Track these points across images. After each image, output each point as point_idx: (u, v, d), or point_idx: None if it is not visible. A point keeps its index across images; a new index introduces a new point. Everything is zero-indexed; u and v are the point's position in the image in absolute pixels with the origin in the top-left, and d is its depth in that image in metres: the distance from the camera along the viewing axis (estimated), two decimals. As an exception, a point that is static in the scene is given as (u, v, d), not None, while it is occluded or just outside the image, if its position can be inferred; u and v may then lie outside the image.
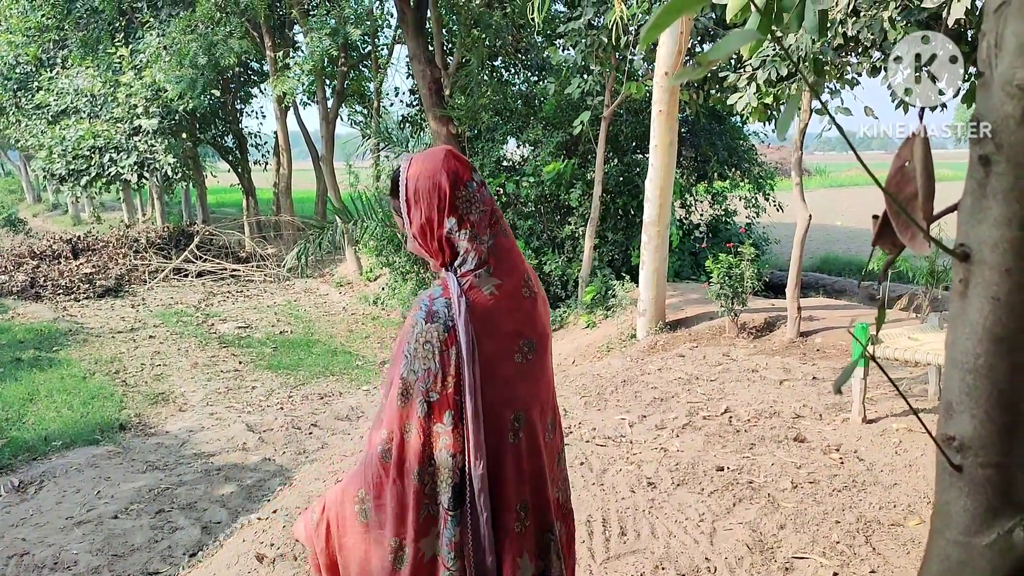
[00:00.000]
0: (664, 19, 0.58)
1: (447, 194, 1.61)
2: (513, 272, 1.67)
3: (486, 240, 1.64)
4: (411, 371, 1.60)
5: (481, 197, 1.65)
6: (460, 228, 1.62)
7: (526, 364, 1.69)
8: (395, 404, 1.62)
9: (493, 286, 1.63)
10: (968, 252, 0.66)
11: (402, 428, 1.62)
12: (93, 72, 15.62)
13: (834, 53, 6.04)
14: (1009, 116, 0.62)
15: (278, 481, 5.40)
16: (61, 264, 14.16)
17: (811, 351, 6.56)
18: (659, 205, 7.40)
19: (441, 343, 1.58)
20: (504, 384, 1.65)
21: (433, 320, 1.59)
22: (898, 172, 0.69)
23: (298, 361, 9.12)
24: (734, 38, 0.61)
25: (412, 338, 1.60)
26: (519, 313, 1.67)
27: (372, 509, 1.68)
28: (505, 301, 1.65)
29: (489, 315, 1.62)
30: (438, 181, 1.62)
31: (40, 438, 6.30)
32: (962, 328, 0.67)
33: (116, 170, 14.90)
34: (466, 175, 1.65)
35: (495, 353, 1.64)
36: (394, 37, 15.56)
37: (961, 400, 0.68)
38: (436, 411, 1.60)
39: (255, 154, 20.00)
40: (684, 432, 4.77)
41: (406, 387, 1.61)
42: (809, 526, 3.47)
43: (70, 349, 9.36)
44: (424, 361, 1.59)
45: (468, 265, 1.63)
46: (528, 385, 1.70)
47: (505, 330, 1.65)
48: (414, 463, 1.61)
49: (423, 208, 1.63)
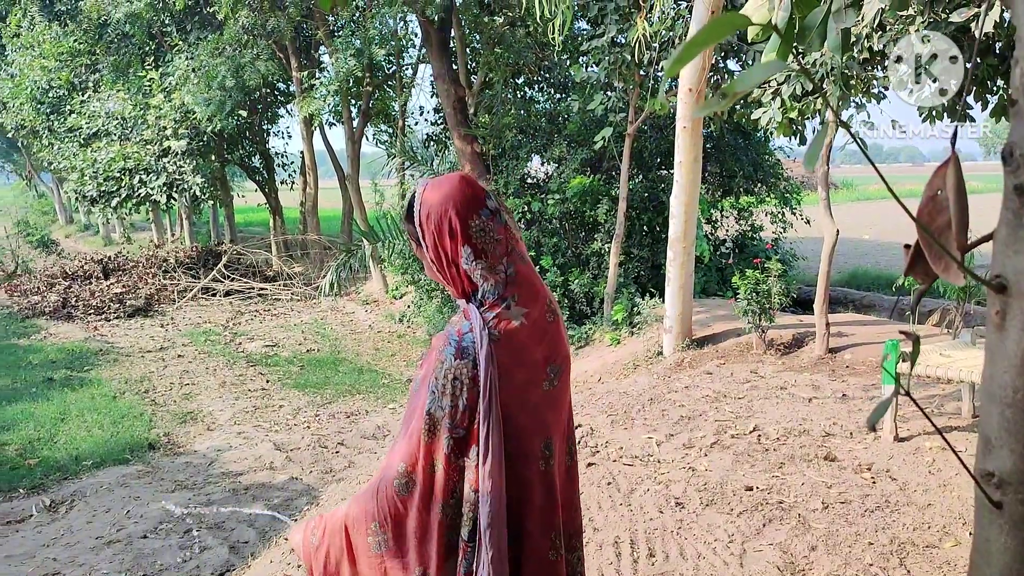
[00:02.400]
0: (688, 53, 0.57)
1: (461, 223, 1.59)
2: (537, 298, 1.66)
3: (503, 269, 1.62)
4: (439, 407, 1.59)
5: (496, 224, 1.62)
6: (476, 258, 1.60)
7: (553, 390, 1.68)
8: (420, 438, 1.61)
9: (522, 316, 1.61)
10: (1004, 283, 0.64)
11: (429, 462, 1.61)
12: (124, 95, 15.89)
13: (860, 67, 6.00)
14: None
15: (305, 500, 5.42)
16: (92, 284, 14.37)
17: (840, 367, 6.48)
18: (684, 221, 7.36)
19: (470, 380, 1.57)
20: (534, 412, 1.65)
21: (463, 356, 1.57)
22: (930, 201, 0.67)
23: (325, 379, 9.16)
24: (759, 70, 0.60)
25: (440, 374, 1.59)
26: (546, 339, 1.66)
27: (390, 540, 1.67)
28: (533, 329, 1.63)
29: (521, 346, 1.61)
30: (451, 209, 1.59)
31: (71, 458, 6.37)
32: (1000, 361, 0.66)
33: (146, 191, 15.12)
34: (480, 203, 1.62)
35: (527, 382, 1.63)
36: (418, 57, 15.68)
37: (1000, 435, 0.66)
38: (462, 447, 1.59)
39: (282, 174, 20.19)
40: (712, 451, 4.72)
41: (433, 423, 1.60)
42: (841, 548, 3.41)
43: (100, 369, 9.48)
44: (452, 398, 1.58)
45: (490, 296, 1.61)
46: (554, 412, 1.70)
47: (535, 359, 1.64)
48: (439, 496, 1.61)
49: (437, 237, 1.62)
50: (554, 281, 9.73)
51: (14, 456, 6.42)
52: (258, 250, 16.99)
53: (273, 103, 18.90)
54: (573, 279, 9.78)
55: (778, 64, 0.61)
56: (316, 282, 14.48)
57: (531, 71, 12.37)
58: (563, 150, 10.55)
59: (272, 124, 19.76)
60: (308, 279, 15.64)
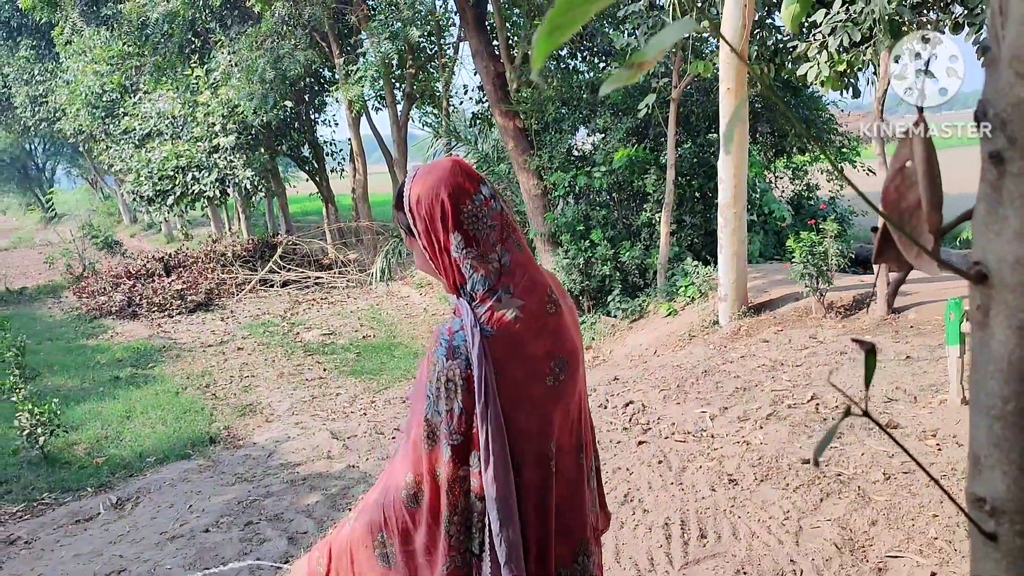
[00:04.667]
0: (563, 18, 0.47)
1: (452, 208, 1.50)
2: (534, 289, 1.55)
3: (496, 259, 1.52)
4: (435, 412, 1.50)
5: (490, 211, 1.53)
6: (467, 246, 1.51)
7: (558, 386, 1.57)
8: (422, 447, 1.53)
9: (516, 308, 1.51)
10: (985, 272, 0.53)
11: (432, 472, 1.52)
12: (172, 94, 16.15)
13: (911, 12, 5.69)
14: (1022, 101, 0.48)
15: (362, 488, 5.43)
16: (155, 282, 14.71)
17: (904, 328, 6.22)
18: (734, 186, 7.14)
19: (464, 381, 1.48)
20: (537, 410, 1.54)
21: (454, 356, 1.48)
22: (898, 174, 0.56)
23: (380, 366, 9.20)
24: (667, 33, 0.50)
25: (433, 377, 1.50)
26: (547, 332, 1.55)
27: (398, 554, 1.59)
28: (531, 321, 1.53)
29: (517, 340, 1.51)
30: (442, 193, 1.51)
31: (136, 455, 6.52)
32: (985, 365, 0.54)
33: (199, 188, 15.37)
34: (472, 188, 1.53)
35: (526, 378, 1.53)
36: (459, 35, 15.56)
37: (990, 453, 0.54)
38: (461, 455, 1.50)
39: (331, 162, 20.33)
40: (768, 423, 4.57)
41: (431, 429, 1.51)
42: (904, 521, 3.25)
43: (164, 365, 9.69)
44: (447, 402, 1.49)
45: (479, 288, 1.52)
46: (561, 409, 1.59)
47: (535, 353, 1.54)
48: (445, 509, 1.52)
49: (427, 222, 1.53)
50: (605, 254, 9.57)
51: (83, 456, 6.60)
52: (312, 239, 17.17)
53: (318, 92, 19.00)
54: (624, 251, 9.61)
55: (686, 24, 0.51)
56: (370, 268, 14.57)
57: (573, 41, 12.13)
58: (608, 120, 10.33)
59: (319, 113, 19.87)
60: (363, 266, 15.75)
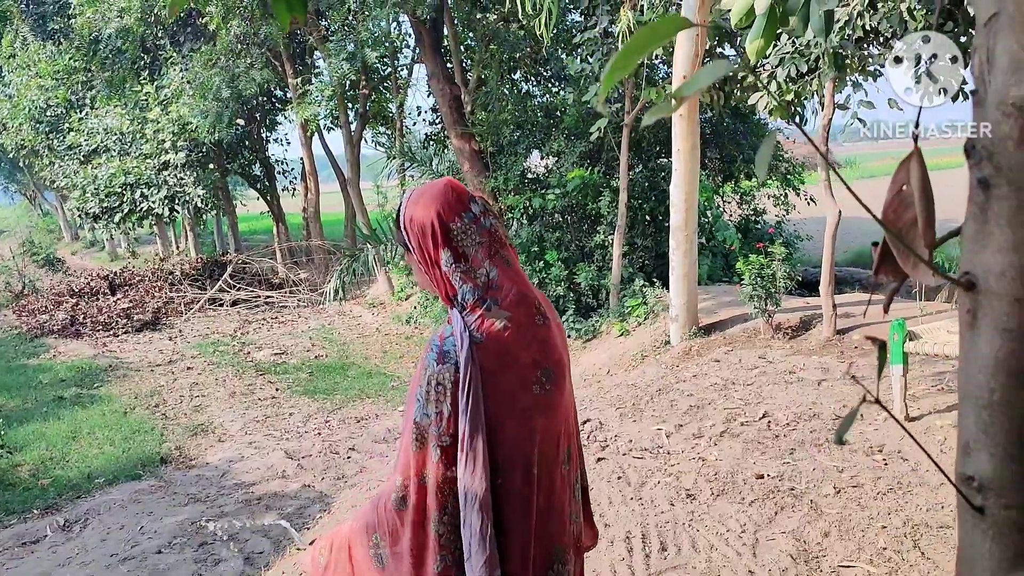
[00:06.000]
0: (624, 62, 0.55)
1: (442, 226, 1.59)
2: (522, 301, 1.62)
3: (484, 273, 1.60)
4: (424, 415, 1.56)
5: (479, 228, 1.61)
6: (456, 261, 1.59)
7: (544, 395, 1.63)
8: (410, 450, 1.58)
9: (505, 319, 1.58)
10: (974, 281, 0.62)
11: (419, 475, 1.58)
12: (121, 111, 15.91)
13: (855, 46, 5.95)
14: (1007, 137, 0.58)
15: (318, 508, 5.41)
16: (99, 300, 14.40)
17: (849, 349, 6.44)
18: (685, 210, 7.32)
19: (453, 384, 1.54)
20: (524, 418, 1.60)
21: (444, 361, 1.55)
22: (896, 197, 0.65)
23: (334, 385, 9.15)
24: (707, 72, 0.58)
25: (423, 380, 1.57)
26: (535, 343, 1.62)
27: (388, 556, 1.64)
28: (519, 332, 1.60)
29: (505, 348, 1.58)
30: (433, 212, 1.60)
31: (84, 476, 6.38)
32: (974, 362, 0.63)
33: (147, 205, 15.13)
34: (463, 206, 1.62)
35: (513, 386, 1.59)
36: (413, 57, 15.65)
37: (978, 438, 0.63)
38: (449, 456, 1.55)
39: (283, 180, 20.19)
40: (722, 440, 4.69)
41: (420, 432, 1.57)
42: (855, 532, 3.39)
43: (110, 385, 9.50)
44: (436, 404, 1.55)
45: (469, 298, 1.59)
46: (546, 418, 1.64)
47: (522, 362, 1.60)
48: (432, 512, 1.57)
49: (420, 239, 1.61)
50: (559, 275, 9.70)
51: (27, 477, 6.43)
52: (263, 258, 17.01)
53: (271, 111, 18.91)
54: (579, 273, 9.75)
55: (725, 65, 0.59)
56: (322, 288, 14.47)
57: (526, 65, 12.32)
58: (561, 143, 10.51)
59: (271, 132, 19.77)
60: (314, 285, 15.64)
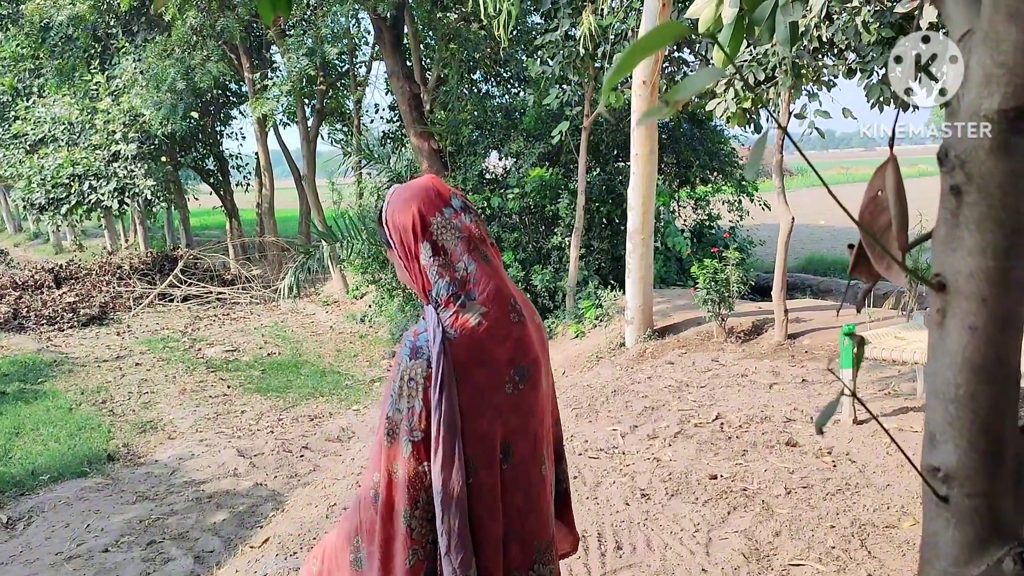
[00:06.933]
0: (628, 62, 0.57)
1: (422, 219, 1.60)
2: (498, 297, 1.61)
3: (462, 267, 1.60)
4: (396, 410, 1.56)
5: (459, 223, 1.62)
6: (434, 254, 1.60)
7: (516, 394, 1.63)
8: (382, 444, 1.58)
9: (480, 314, 1.58)
10: (944, 282, 0.65)
11: (389, 469, 1.57)
12: (70, 100, 15.54)
13: (811, 57, 6.08)
14: (978, 147, 0.61)
15: (270, 506, 5.36)
16: (44, 294, 14.05)
17: (799, 353, 6.58)
18: (642, 213, 7.41)
19: (425, 379, 1.54)
20: (496, 415, 1.61)
21: (417, 356, 1.55)
22: (871, 202, 0.68)
23: (287, 383, 9.06)
24: (701, 76, 0.60)
25: (396, 376, 1.57)
26: (509, 340, 1.62)
27: (365, 557, 1.63)
28: (494, 328, 1.60)
29: (479, 344, 1.58)
30: (414, 206, 1.61)
31: (27, 472, 6.23)
32: (941, 358, 0.67)
33: (96, 197, 14.80)
34: (444, 201, 1.63)
35: (486, 383, 1.59)
36: (372, 54, 15.57)
37: (944, 430, 0.67)
38: (421, 451, 1.56)
39: (237, 175, 19.92)
40: (676, 441, 4.76)
41: (392, 426, 1.57)
42: (804, 532, 3.47)
43: (55, 380, 9.28)
44: (408, 399, 1.55)
45: (443, 293, 1.59)
46: (518, 417, 1.64)
47: (497, 358, 1.60)
48: (400, 505, 1.56)
49: (401, 232, 1.62)
50: (516, 276, 9.74)
51: (-32, 474, 6.26)
52: (215, 254, 16.77)
53: (226, 104, 18.65)
54: (535, 274, 9.79)
55: (719, 71, 0.62)
56: (275, 285, 14.32)
57: (487, 65, 12.35)
58: (520, 145, 10.55)
59: (225, 126, 19.50)
60: (267, 282, 15.46)
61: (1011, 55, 0.58)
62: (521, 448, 1.66)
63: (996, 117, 0.60)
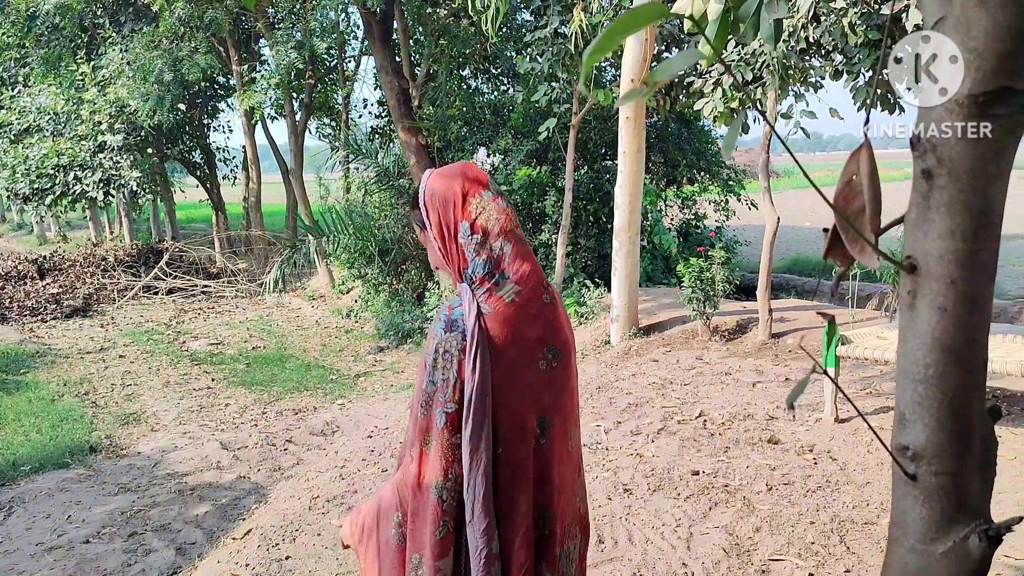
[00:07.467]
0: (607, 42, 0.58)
1: (461, 198, 1.64)
2: (531, 278, 1.66)
3: (498, 247, 1.64)
4: (431, 382, 1.59)
5: (496, 206, 1.67)
6: (472, 232, 1.64)
7: (550, 372, 1.67)
8: (417, 416, 1.61)
9: (514, 293, 1.62)
10: (915, 264, 0.67)
11: (422, 441, 1.61)
12: (56, 90, 15.42)
13: (798, 57, 6.12)
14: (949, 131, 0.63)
15: (253, 499, 5.34)
16: (27, 285, 13.93)
17: (783, 352, 6.62)
18: (629, 212, 7.44)
19: (459, 352, 1.57)
20: (528, 391, 1.64)
21: (452, 329, 1.59)
22: (846, 187, 0.70)
23: (271, 377, 9.03)
24: (680, 59, 0.61)
25: (431, 348, 1.60)
26: (541, 319, 1.66)
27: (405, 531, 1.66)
28: (527, 307, 1.64)
29: (512, 321, 1.61)
30: (454, 186, 1.65)
31: (8, 463, 6.19)
32: (912, 339, 0.68)
33: (81, 188, 14.69)
34: (482, 185, 1.68)
35: (519, 359, 1.63)
36: (361, 49, 15.54)
37: (913, 410, 0.69)
38: (454, 422, 1.58)
39: (223, 168, 19.82)
40: (659, 437, 4.79)
41: (427, 398, 1.60)
42: (784, 528, 3.50)
43: (38, 371, 9.21)
44: (443, 372, 1.58)
45: (479, 271, 1.63)
46: (552, 394, 1.68)
47: (528, 336, 1.64)
48: (432, 476, 1.59)
49: (439, 212, 1.66)
50: (502, 273, 9.74)
51: (-52, 464, 6.21)
52: (201, 247, 16.67)
53: (213, 97, 18.55)
54: (521, 270, 9.79)
55: (697, 53, 0.63)
56: (261, 278, 14.26)
57: (476, 62, 12.34)
58: (508, 141, 10.56)
59: (212, 118, 19.39)
60: (252, 275, 15.40)
61: (981, 40, 0.59)
62: (555, 425, 1.69)
63: (966, 102, 0.62)
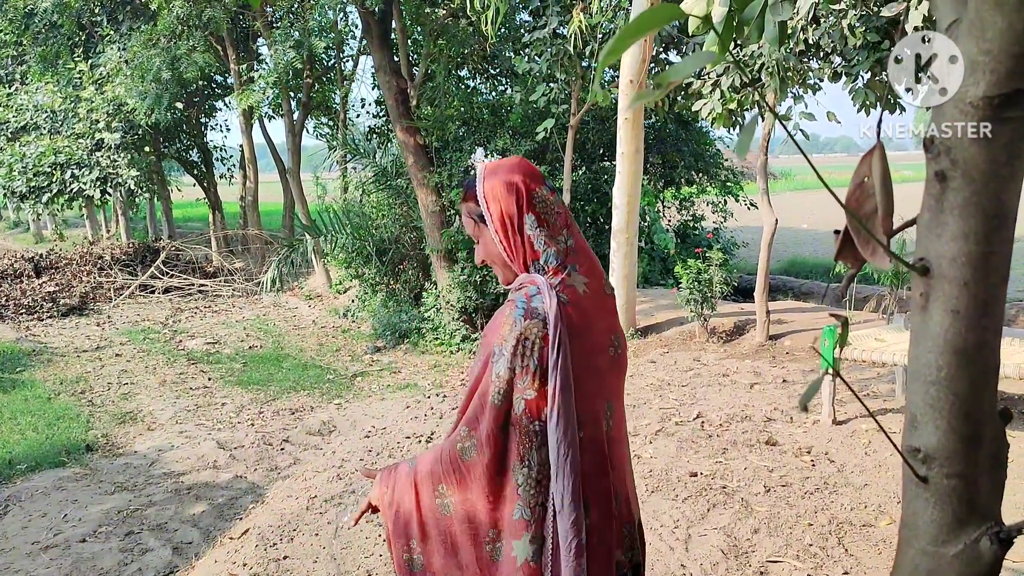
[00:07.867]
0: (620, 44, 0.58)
1: (527, 190, 1.65)
2: (595, 270, 1.70)
3: (563, 240, 1.67)
4: (509, 368, 1.59)
5: (555, 200, 1.69)
6: (539, 225, 1.65)
7: (616, 357, 1.72)
8: (487, 402, 1.61)
9: (584, 284, 1.66)
10: (928, 266, 0.67)
11: (497, 426, 1.61)
12: (53, 88, 15.39)
13: (797, 59, 6.13)
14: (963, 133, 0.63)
15: (250, 499, 5.34)
16: (23, 283, 13.91)
17: (780, 354, 6.63)
18: (627, 212, 7.44)
19: (540, 339, 1.58)
20: (600, 377, 1.68)
21: (532, 317, 1.59)
22: (857, 188, 0.70)
23: (268, 376, 9.02)
24: (691, 60, 0.61)
25: (509, 335, 1.60)
26: (606, 309, 1.71)
27: (458, 504, 1.67)
28: (595, 298, 1.68)
29: (585, 311, 1.64)
30: (516, 178, 1.66)
31: (4, 462, 6.17)
32: (924, 341, 0.68)
33: (78, 186, 14.67)
34: (539, 180, 1.70)
35: (593, 347, 1.66)
36: (359, 48, 15.52)
37: (925, 412, 0.69)
38: (532, 408, 1.59)
39: (221, 167, 19.79)
40: (657, 439, 4.79)
41: (505, 385, 1.60)
42: (782, 529, 3.50)
43: (34, 370, 9.19)
44: (522, 359, 1.58)
45: (552, 262, 1.65)
46: (616, 378, 1.74)
47: (599, 325, 1.68)
48: (511, 461, 1.61)
49: (503, 203, 1.66)
50: (499, 273, 9.74)
51: (-57, 462, 6.19)
52: (197, 246, 16.64)
53: (211, 95, 18.52)
54: (518, 271, 9.79)
55: (708, 55, 0.63)
56: (257, 278, 14.25)
57: (474, 62, 12.33)
58: (507, 142, 10.55)
59: (210, 117, 19.37)
60: (249, 275, 15.38)
61: (996, 42, 0.60)
62: (617, 409, 1.75)
63: (981, 104, 0.62)
